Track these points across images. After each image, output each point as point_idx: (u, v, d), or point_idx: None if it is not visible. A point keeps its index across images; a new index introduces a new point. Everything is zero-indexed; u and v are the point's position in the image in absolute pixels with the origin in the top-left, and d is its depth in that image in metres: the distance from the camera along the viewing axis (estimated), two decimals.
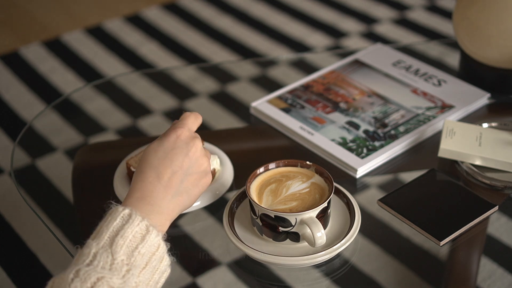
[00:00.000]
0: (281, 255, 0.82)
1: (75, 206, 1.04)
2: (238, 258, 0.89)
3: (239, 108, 1.23)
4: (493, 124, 1.06)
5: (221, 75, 1.38)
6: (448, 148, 0.99)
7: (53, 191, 1.14)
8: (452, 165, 1.01)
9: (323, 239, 0.80)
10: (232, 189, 0.97)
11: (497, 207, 0.92)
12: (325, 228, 0.84)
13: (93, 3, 2.45)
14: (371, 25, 2.20)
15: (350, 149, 1.03)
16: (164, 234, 0.74)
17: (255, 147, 1.14)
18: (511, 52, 1.11)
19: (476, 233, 0.90)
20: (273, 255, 0.82)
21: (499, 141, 1.00)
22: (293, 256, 0.82)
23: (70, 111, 1.34)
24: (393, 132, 1.06)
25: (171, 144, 0.79)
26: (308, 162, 0.89)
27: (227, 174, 0.97)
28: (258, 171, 0.88)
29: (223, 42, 2.16)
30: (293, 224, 0.82)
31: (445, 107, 1.11)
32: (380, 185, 1.00)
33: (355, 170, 1.00)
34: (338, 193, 0.90)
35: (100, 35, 2.22)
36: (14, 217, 1.49)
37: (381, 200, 0.94)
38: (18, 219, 1.49)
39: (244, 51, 2.11)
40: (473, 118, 1.11)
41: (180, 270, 0.88)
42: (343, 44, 2.11)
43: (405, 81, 1.19)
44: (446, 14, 2.22)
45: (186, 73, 1.44)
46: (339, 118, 1.10)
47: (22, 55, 2.12)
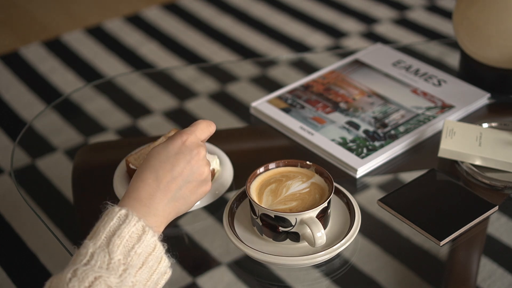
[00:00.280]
0: (281, 255, 0.82)
1: (75, 206, 1.04)
2: (238, 258, 0.89)
3: (239, 108, 1.23)
4: (493, 124, 1.06)
5: (221, 75, 1.38)
6: (448, 148, 0.99)
7: (53, 191, 1.14)
8: (452, 165, 1.01)
9: (323, 239, 0.80)
10: (232, 189, 0.97)
11: (497, 207, 0.92)
12: (325, 228, 0.84)
13: (93, 3, 2.45)
14: (371, 25, 2.20)
15: (350, 149, 1.03)
16: (160, 235, 0.74)
17: (255, 147, 1.14)
18: (511, 52, 1.11)
19: (476, 233, 0.90)
20: (273, 255, 0.82)
21: (499, 141, 1.00)
22: (293, 256, 0.82)
23: (70, 111, 1.34)
24: (393, 132, 1.06)
25: (176, 149, 0.78)
26: (308, 162, 0.89)
27: (227, 174, 0.97)
28: (258, 171, 0.88)
29: (223, 42, 2.16)
30: (293, 224, 0.82)
31: (445, 107, 1.11)
32: (380, 185, 1.00)
33: (355, 170, 1.00)
34: (338, 193, 0.90)
35: (100, 35, 2.22)
36: (14, 217, 1.49)
37: (381, 200, 0.94)
38: (18, 219, 1.49)
39: (244, 51, 2.10)
40: (473, 118, 1.11)
41: (180, 270, 0.88)
42: (343, 44, 2.11)
43: (405, 81, 1.19)
44: (446, 14, 2.22)
45: (186, 73, 1.44)
46: (339, 118, 1.10)
47: (22, 55, 2.12)
